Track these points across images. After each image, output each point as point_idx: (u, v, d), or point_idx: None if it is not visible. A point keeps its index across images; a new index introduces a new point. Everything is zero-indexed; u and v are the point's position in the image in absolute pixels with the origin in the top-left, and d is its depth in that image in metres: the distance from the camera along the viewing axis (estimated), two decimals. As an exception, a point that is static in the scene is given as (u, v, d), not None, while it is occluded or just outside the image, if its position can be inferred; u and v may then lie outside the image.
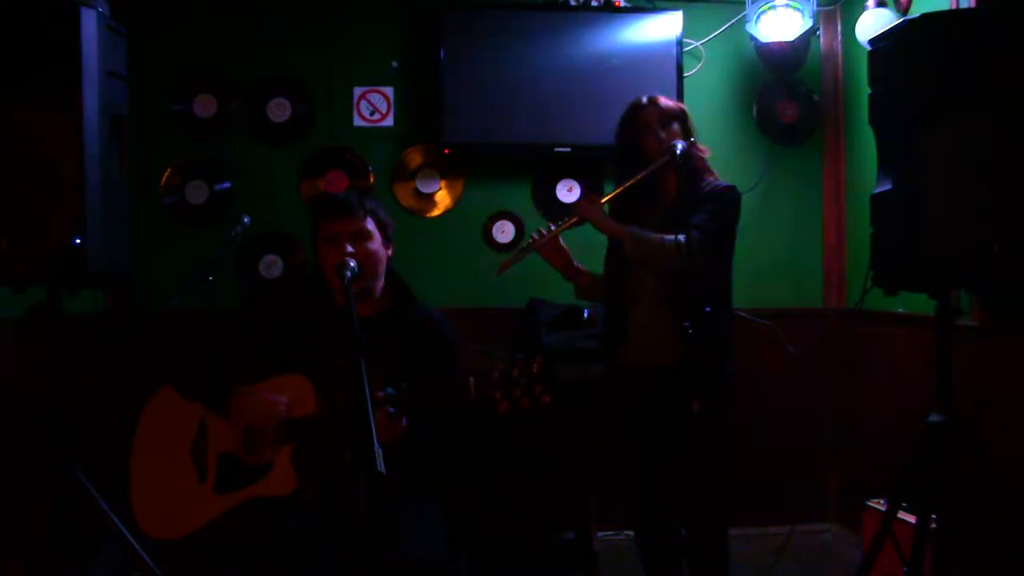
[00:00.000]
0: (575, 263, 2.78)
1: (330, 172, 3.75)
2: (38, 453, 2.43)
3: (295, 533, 2.08)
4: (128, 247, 2.37)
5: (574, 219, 2.66)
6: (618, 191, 2.70)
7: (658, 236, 2.59)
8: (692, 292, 2.56)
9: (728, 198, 2.66)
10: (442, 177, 3.80)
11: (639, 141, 2.69)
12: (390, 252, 2.35)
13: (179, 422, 2.26)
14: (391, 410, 1.98)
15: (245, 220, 3.33)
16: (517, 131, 3.70)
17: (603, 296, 2.84)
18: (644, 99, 2.73)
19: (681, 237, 2.46)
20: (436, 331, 2.36)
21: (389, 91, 3.76)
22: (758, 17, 3.71)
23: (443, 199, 3.81)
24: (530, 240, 2.68)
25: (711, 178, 2.72)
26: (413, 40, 3.76)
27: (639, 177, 2.64)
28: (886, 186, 2.28)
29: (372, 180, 3.77)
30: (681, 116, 2.71)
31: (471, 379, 2.00)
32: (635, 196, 2.73)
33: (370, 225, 2.29)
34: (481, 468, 3.51)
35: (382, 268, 2.32)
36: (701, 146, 2.73)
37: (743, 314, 3.55)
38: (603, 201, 2.68)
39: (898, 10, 3.37)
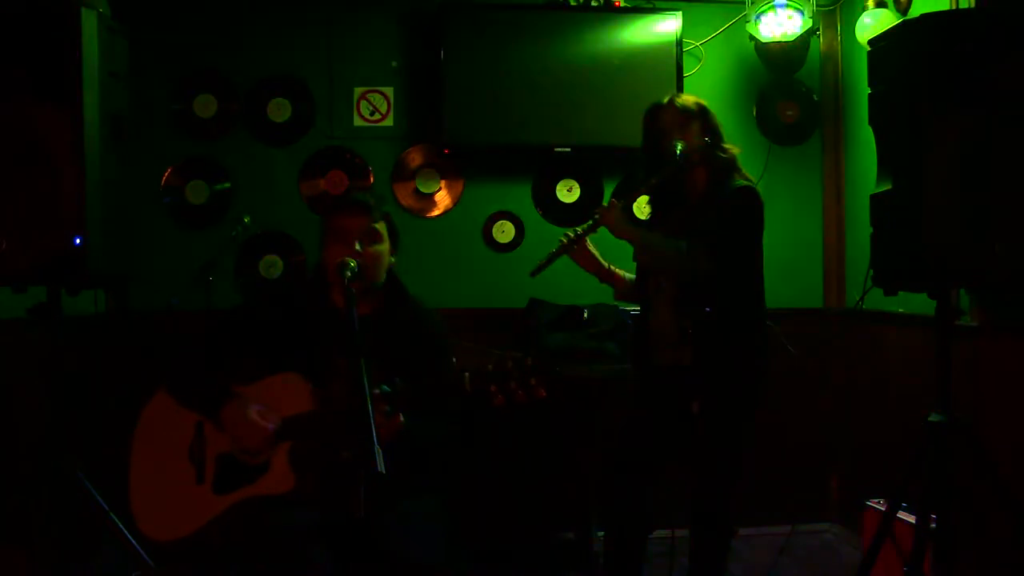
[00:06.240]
0: (606, 266, 2.80)
1: (330, 172, 3.74)
2: (38, 453, 2.43)
3: (294, 531, 2.07)
4: (128, 247, 2.37)
5: (592, 223, 2.69)
6: (635, 196, 2.76)
7: (669, 244, 2.60)
8: (695, 294, 2.56)
9: (741, 203, 2.60)
10: (442, 177, 3.80)
11: (660, 144, 2.67)
12: (393, 259, 2.35)
13: (177, 423, 2.25)
14: (387, 408, 1.98)
15: (245, 220, 3.33)
16: (517, 131, 3.70)
17: (636, 298, 2.84)
18: (664, 100, 2.71)
19: (684, 245, 2.49)
20: (428, 326, 2.36)
21: (389, 91, 3.76)
22: (758, 17, 3.71)
23: (443, 199, 3.81)
24: (559, 244, 2.70)
25: (738, 177, 2.65)
26: (413, 40, 3.76)
27: (642, 190, 2.73)
28: (886, 186, 2.28)
29: (372, 180, 3.77)
30: (700, 114, 2.68)
31: (466, 374, 1.99)
32: (665, 195, 2.74)
33: (382, 228, 2.28)
34: (481, 468, 3.51)
35: (383, 271, 2.31)
36: (725, 145, 2.68)
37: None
38: (621, 206, 2.68)
39: (898, 10, 3.37)
